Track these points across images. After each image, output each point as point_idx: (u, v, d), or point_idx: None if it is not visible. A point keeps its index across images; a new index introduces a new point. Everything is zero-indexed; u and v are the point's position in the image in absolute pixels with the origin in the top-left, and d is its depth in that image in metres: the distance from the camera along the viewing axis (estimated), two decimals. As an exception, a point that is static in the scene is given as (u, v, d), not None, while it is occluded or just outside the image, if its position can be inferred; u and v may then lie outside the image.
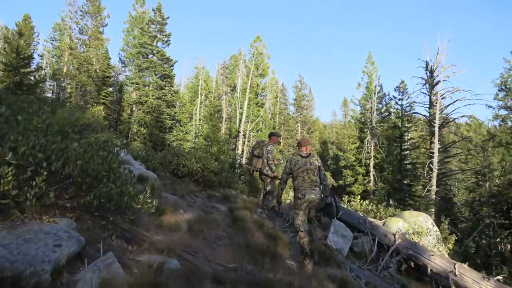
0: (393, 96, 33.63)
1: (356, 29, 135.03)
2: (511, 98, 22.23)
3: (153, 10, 33.39)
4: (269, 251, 3.53)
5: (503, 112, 28.58)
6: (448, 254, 7.40)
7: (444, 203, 27.54)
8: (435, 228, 7.69)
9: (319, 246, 4.94)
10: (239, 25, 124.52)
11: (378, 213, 9.33)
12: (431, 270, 6.18)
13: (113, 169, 2.90)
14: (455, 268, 6.03)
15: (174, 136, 31.60)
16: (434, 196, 20.25)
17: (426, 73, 27.65)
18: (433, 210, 20.76)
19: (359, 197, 10.94)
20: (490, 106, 24.88)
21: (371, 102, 34.47)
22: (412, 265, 6.56)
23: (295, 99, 47.91)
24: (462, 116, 25.95)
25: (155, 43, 32.22)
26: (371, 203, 10.31)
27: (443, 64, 22.54)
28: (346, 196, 34.45)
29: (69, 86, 32.08)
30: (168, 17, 32.69)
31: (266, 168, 6.48)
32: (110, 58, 34.55)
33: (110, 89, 34.72)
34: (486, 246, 28.20)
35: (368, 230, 6.85)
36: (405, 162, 33.14)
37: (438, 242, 7.28)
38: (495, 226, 27.45)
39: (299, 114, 47.07)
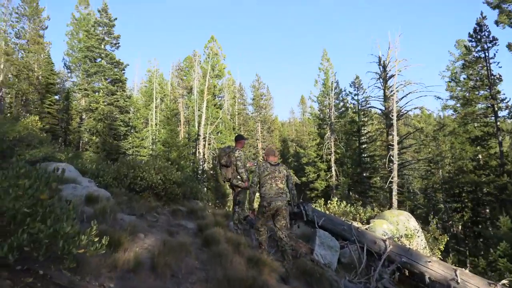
0: (349, 91, 34.34)
1: (310, 26, 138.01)
2: (461, 88, 23.22)
3: (99, 11, 31.27)
4: (255, 285, 2.89)
5: (451, 102, 30.06)
6: (439, 256, 7.12)
7: (405, 192, 28.55)
8: (418, 227, 7.45)
9: (305, 263, 4.40)
10: (192, 26, 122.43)
11: (357, 215, 8.97)
12: (429, 278, 5.75)
13: (41, 203, 2.11)
14: (456, 275, 5.64)
15: (129, 143, 29.95)
16: (396, 187, 20.61)
17: (380, 68, 28.36)
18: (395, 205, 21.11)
19: (335, 199, 10.56)
20: (439, 97, 25.83)
21: (329, 98, 34.89)
22: (407, 273, 6.07)
23: (253, 99, 47.54)
24: (415, 108, 26.79)
25: (103, 46, 30.22)
26: (349, 204, 9.99)
27: (397, 58, 23.04)
28: (308, 192, 35.17)
29: (8, 96, 29.29)
30: (116, 18, 30.79)
31: (238, 177, 5.66)
32: (53, 64, 31.94)
33: (56, 97, 32.23)
34: (441, 229, 29.36)
35: (355, 238, 6.32)
36: (364, 156, 33.96)
37: (421, 240, 7.01)
38: (447, 210, 28.87)
39: (258, 114, 46.75)
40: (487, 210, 24.83)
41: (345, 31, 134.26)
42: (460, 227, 28.05)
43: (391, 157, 20.95)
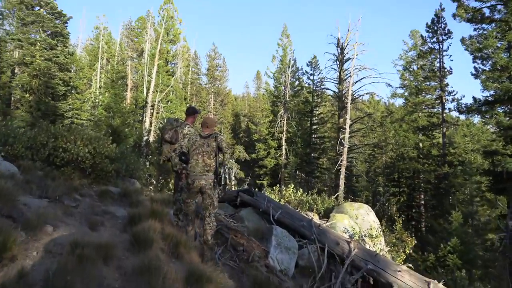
0: (305, 71, 34.04)
1: (272, 2, 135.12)
2: (413, 78, 23.77)
3: (38, -50, 27.40)
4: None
5: (400, 90, 31.02)
6: (404, 260, 6.78)
7: (350, 175, 29.42)
8: (377, 221, 7.14)
9: (259, 272, 3.74)
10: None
11: (314, 205, 8.47)
12: (398, 289, 5.17)
13: None
14: (430, 288, 5.11)
15: (69, 105, 27.35)
16: (344, 170, 20.90)
17: (337, 50, 28.26)
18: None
19: (292, 186, 9.97)
20: (389, 85, 26.36)
21: (285, 76, 34.36)
22: (371, 281, 5.36)
23: (208, 69, 45.68)
24: (367, 93, 27.20)
25: (43, -7, 26.78)
26: (305, 193, 9.47)
27: (357, 41, 22.88)
28: (257, 170, 35.03)
29: None
30: (58, -38, 27.24)
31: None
32: (-22, 6, 27.73)
33: (-16, 46, 28.37)
34: (379, 212, 30.82)
35: (315, 236, 5.60)
36: (314, 136, 34.35)
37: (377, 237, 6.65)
38: (384, 193, 30.43)
39: (212, 85, 45.09)
40: (422, 196, 26.42)
41: (308, 7, 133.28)
42: (394, 209, 29.76)
43: (342, 140, 21.09)
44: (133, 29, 40.34)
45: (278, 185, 11.03)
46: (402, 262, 6.67)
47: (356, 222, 6.80)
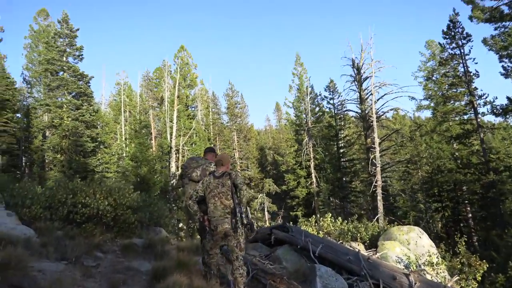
0: (324, 96, 33.76)
1: (282, 32, 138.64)
2: (439, 87, 22.90)
3: (59, 22, 29.41)
4: None
5: (425, 102, 30.04)
6: None
7: (387, 195, 28.05)
8: (432, 244, 6.32)
9: None
10: (160, 36, 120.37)
11: (358, 234, 7.69)
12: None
13: None
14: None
15: (98, 160, 28.10)
16: (380, 191, 19.82)
17: (354, 70, 27.99)
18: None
19: (329, 215, 9.21)
20: (413, 98, 25.51)
21: (304, 104, 34.19)
22: None
23: (227, 108, 46.30)
24: (391, 109, 26.44)
25: (64, 58, 28.37)
26: (346, 221, 8.68)
27: (372, 58, 22.55)
28: (289, 201, 34.10)
29: (-44, 116, 26.80)
30: (78, 29, 29.06)
31: None
32: (10, 78, 29.68)
33: (18, 115, 30.06)
34: (425, 231, 28.84)
35: (366, 272, 4.86)
36: (343, 160, 33.39)
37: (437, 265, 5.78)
38: (426, 210, 28.57)
39: (233, 123, 45.46)
40: (468, 209, 24.65)
41: (318, 34, 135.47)
42: (440, 226, 27.82)
43: (373, 160, 20.18)
44: (152, 79, 41.95)
45: (313, 216, 10.18)
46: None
47: (408, 248, 6.00)
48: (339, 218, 9.31)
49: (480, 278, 5.78)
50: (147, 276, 3.70)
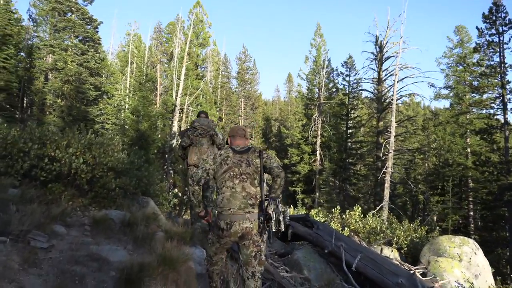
0: (340, 71, 32.06)
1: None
2: (470, 74, 21.34)
3: (70, -43, 27.52)
4: None
5: (444, 91, 28.58)
6: None
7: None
8: (487, 262, 5.27)
9: None
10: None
11: (393, 237, 6.53)
12: None
13: None
14: None
15: (100, 109, 27.17)
16: (389, 179, 18.81)
17: (376, 48, 26.39)
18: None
19: (359, 208, 8.03)
20: (432, 85, 23.95)
21: (319, 77, 32.57)
22: None
23: (238, 72, 44.61)
24: (409, 94, 25.04)
25: (74, -1, 26.90)
26: (376, 219, 7.55)
27: (401, 35, 20.90)
28: (290, 176, 33.28)
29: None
30: (90, -33, 27.34)
31: None
32: (12, 12, 28.04)
33: (22, 54, 28.80)
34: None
35: None
36: (350, 141, 32.27)
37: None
38: (425, 202, 27.83)
39: (242, 89, 43.96)
40: (471, 206, 24.05)
41: (343, 5, 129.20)
42: (435, 217, 27.25)
43: (387, 145, 19.01)
44: (164, 32, 40.09)
45: (337, 208, 8.90)
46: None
47: (460, 266, 4.93)
48: (370, 213, 8.14)
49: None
50: (116, 273, 2.61)
